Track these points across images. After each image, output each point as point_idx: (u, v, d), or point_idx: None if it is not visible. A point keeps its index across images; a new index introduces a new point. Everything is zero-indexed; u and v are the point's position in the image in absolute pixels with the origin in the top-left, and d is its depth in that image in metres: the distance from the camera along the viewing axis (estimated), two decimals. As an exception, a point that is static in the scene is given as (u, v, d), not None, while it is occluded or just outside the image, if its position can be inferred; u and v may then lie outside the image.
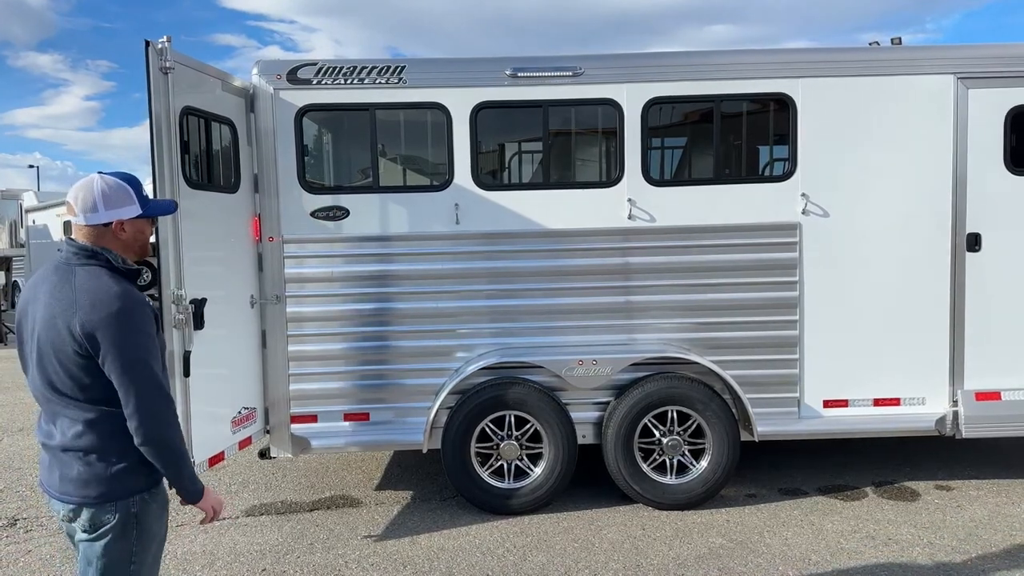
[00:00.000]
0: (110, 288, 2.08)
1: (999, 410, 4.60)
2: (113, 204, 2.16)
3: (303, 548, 4.21)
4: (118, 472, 2.11)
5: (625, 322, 4.62)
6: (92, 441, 2.10)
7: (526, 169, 5.40)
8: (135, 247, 2.25)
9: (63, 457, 2.13)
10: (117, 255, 2.17)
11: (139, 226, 2.24)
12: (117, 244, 2.19)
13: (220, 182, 4.40)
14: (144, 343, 2.09)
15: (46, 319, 2.08)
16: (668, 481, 4.58)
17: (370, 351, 4.60)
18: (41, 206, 19.58)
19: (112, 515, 2.12)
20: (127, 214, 2.18)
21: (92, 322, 2.03)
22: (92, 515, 2.12)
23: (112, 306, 2.05)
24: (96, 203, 2.14)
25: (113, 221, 2.16)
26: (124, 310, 2.06)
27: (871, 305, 4.60)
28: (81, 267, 2.12)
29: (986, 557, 3.92)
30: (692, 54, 4.71)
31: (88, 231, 2.16)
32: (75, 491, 2.12)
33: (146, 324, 2.11)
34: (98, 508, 2.11)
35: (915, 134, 4.54)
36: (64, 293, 2.08)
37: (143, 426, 2.07)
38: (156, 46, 3.73)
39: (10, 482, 5.51)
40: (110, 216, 2.16)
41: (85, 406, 2.10)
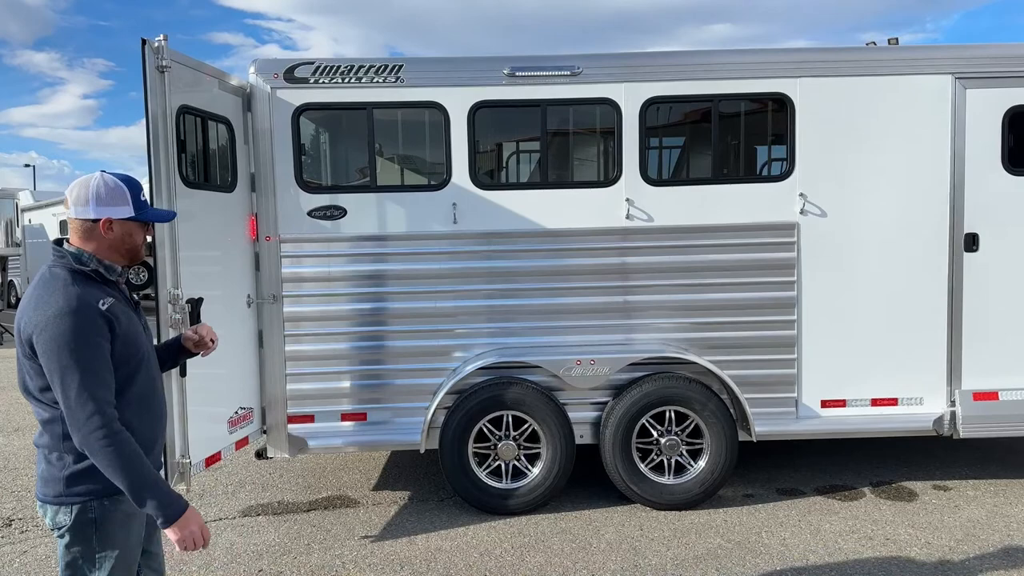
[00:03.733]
0: (56, 291, 2.04)
1: (997, 410, 4.61)
2: (105, 202, 2.13)
3: (300, 548, 4.19)
4: (73, 474, 2.09)
5: (623, 322, 4.61)
6: (49, 440, 2.11)
7: (524, 169, 5.40)
8: (122, 250, 2.19)
9: (37, 454, 2.17)
10: (92, 256, 2.13)
11: (129, 229, 2.19)
12: (103, 244, 2.15)
13: (217, 181, 4.39)
14: (78, 351, 1.99)
15: (15, 321, 2.09)
16: (666, 481, 4.57)
17: (367, 351, 4.59)
18: (37, 205, 19.53)
19: (68, 516, 2.09)
20: (118, 214, 2.15)
21: (31, 325, 2.02)
22: (52, 514, 2.12)
23: (50, 310, 2.01)
24: (88, 199, 2.12)
25: (101, 219, 2.13)
26: (60, 316, 2.00)
27: (869, 305, 4.60)
28: (50, 269, 2.11)
29: (984, 557, 3.92)
30: (690, 54, 4.72)
31: (76, 226, 2.14)
32: (40, 488, 2.14)
33: (87, 332, 2.02)
34: (57, 508, 2.10)
35: (913, 134, 4.54)
36: (26, 295, 2.08)
37: (75, 435, 2.03)
38: (153, 45, 3.72)
39: (6, 482, 5.49)
40: (99, 213, 2.13)
41: (44, 406, 2.10)
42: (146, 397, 2.22)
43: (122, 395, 2.13)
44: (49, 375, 2.01)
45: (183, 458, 3.88)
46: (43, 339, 1.99)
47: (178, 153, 3.89)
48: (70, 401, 2.00)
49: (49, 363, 2.00)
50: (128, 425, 2.10)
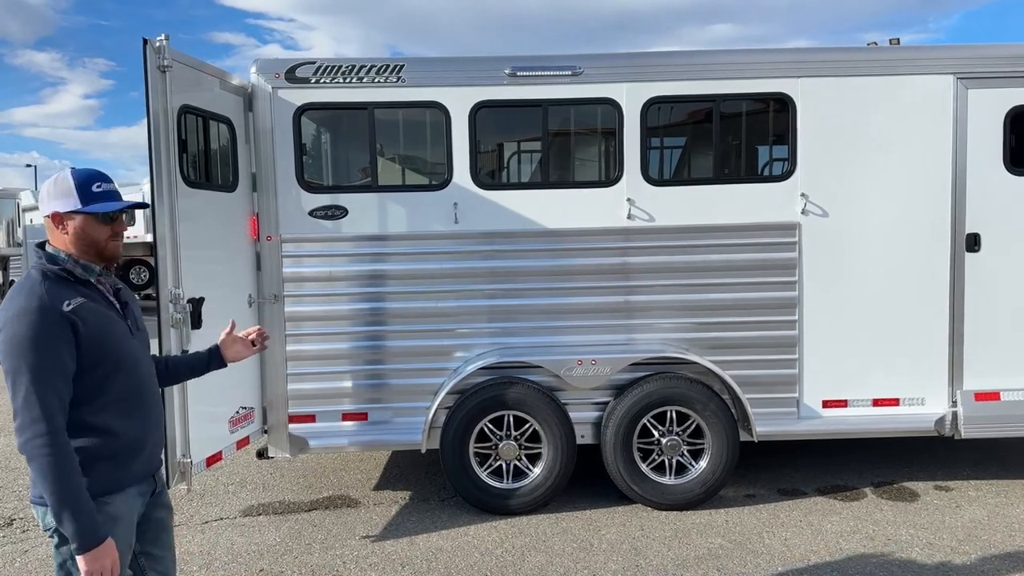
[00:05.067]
0: (23, 292, 2.00)
1: (998, 410, 4.60)
2: (52, 196, 2.07)
3: (301, 548, 4.19)
4: None
5: (624, 322, 4.61)
6: None
7: (525, 168, 5.39)
8: (81, 245, 2.10)
9: None
10: (68, 257, 2.08)
11: (82, 224, 2.08)
12: (63, 240, 2.09)
13: (218, 181, 4.39)
14: (28, 354, 1.94)
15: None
16: (667, 481, 4.57)
17: (368, 351, 4.59)
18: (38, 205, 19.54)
19: (47, 514, 2.05)
20: (62, 207, 2.07)
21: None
22: (43, 515, 2.08)
23: (11, 311, 1.97)
24: (44, 195, 2.09)
25: (49, 213, 2.07)
26: (15, 318, 1.96)
27: (870, 305, 4.60)
28: (30, 269, 2.08)
29: (985, 558, 3.91)
30: (692, 54, 4.71)
31: (45, 224, 2.10)
32: (32, 490, 2.11)
33: (43, 335, 1.96)
34: (45, 508, 2.04)
35: (915, 134, 4.54)
36: None
37: (16, 436, 1.99)
38: (154, 44, 3.72)
39: (7, 482, 5.49)
40: (48, 208, 2.07)
41: None
42: (129, 399, 2.16)
43: (97, 398, 2.08)
44: (4, 376, 1.96)
45: (184, 458, 3.88)
46: (1, 339, 1.96)
47: (179, 153, 3.89)
48: (17, 403, 1.97)
49: (4, 363, 1.97)
50: (107, 429, 2.07)
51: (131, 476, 2.16)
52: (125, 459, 2.15)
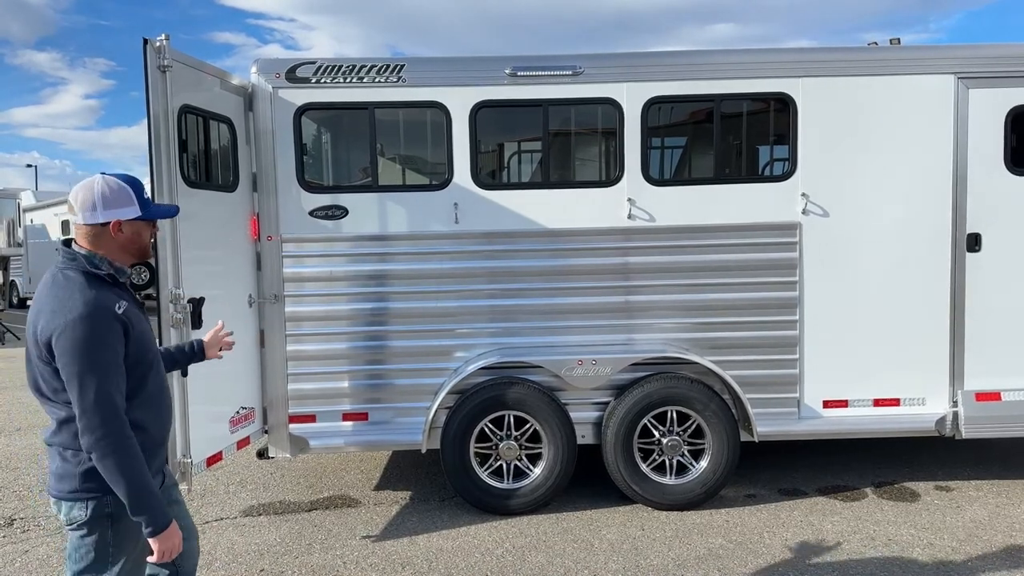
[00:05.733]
0: (74, 296, 2.06)
1: (999, 411, 4.60)
2: (111, 204, 2.16)
3: (301, 548, 4.19)
4: (89, 470, 2.11)
5: (625, 322, 4.60)
6: (65, 439, 2.13)
7: (526, 168, 5.39)
8: (132, 249, 2.23)
9: (50, 452, 2.20)
10: (103, 259, 2.16)
11: (137, 228, 2.22)
12: (114, 245, 2.19)
13: (218, 181, 4.39)
14: (94, 355, 2.03)
15: (31, 324, 2.12)
16: (667, 481, 4.57)
17: (369, 351, 4.59)
18: (39, 205, 19.57)
19: (83, 512, 2.13)
20: (125, 215, 2.18)
21: (48, 329, 2.04)
22: (67, 509, 2.15)
23: (69, 315, 2.03)
24: (95, 203, 2.14)
25: (111, 221, 2.16)
26: (78, 320, 2.03)
27: (871, 305, 4.59)
28: (62, 272, 2.13)
29: (986, 558, 3.91)
30: (692, 53, 4.71)
31: (86, 231, 2.16)
32: (54, 485, 2.17)
33: (104, 335, 2.06)
34: (72, 503, 2.13)
35: (915, 134, 4.53)
36: (39, 299, 2.12)
37: (83, 436, 2.05)
38: (154, 44, 3.72)
39: (7, 482, 5.49)
40: (108, 216, 2.15)
41: (60, 405, 2.13)
42: (157, 397, 2.27)
43: (136, 396, 2.17)
44: (67, 378, 2.03)
45: (184, 458, 3.88)
46: (62, 343, 2.02)
47: (180, 153, 3.89)
48: (86, 404, 2.03)
49: (67, 366, 2.03)
50: (141, 425, 2.16)
51: (152, 469, 2.22)
52: (151, 453, 2.24)
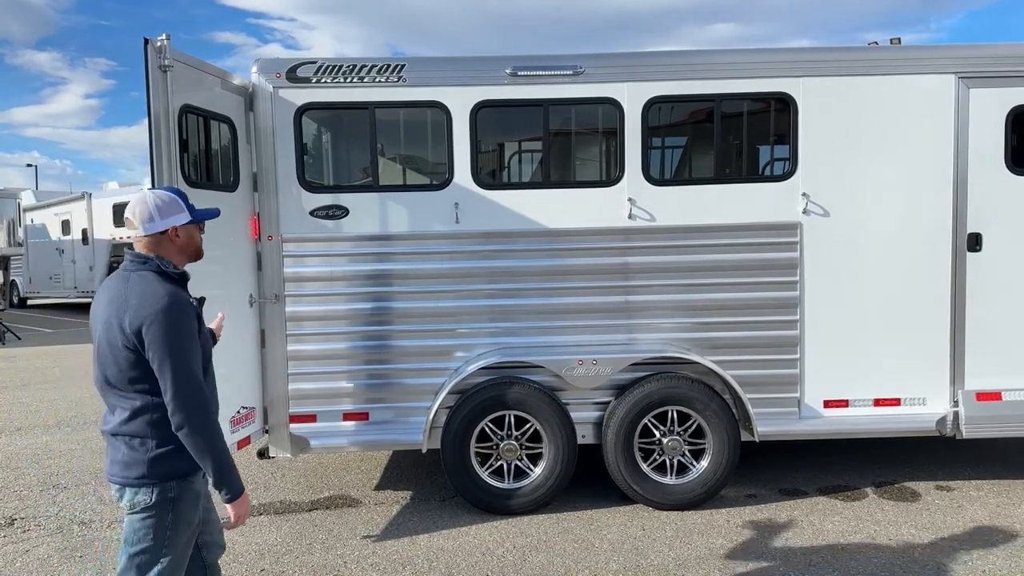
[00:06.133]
0: (156, 290, 2.31)
1: (1000, 410, 4.60)
2: (166, 213, 2.43)
3: (302, 548, 4.19)
4: (157, 456, 2.32)
5: (625, 322, 4.60)
6: (136, 427, 2.32)
7: (526, 168, 5.39)
8: (188, 250, 2.51)
9: (114, 442, 2.37)
10: (168, 261, 2.43)
11: (190, 231, 2.50)
12: (173, 249, 2.46)
13: (219, 181, 4.39)
14: (183, 339, 2.29)
15: (105, 320, 2.32)
16: (668, 481, 4.57)
17: (370, 350, 4.59)
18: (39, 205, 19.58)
19: (149, 496, 2.33)
20: (179, 220, 2.45)
21: (139, 319, 2.26)
22: (132, 495, 2.33)
23: (156, 305, 2.27)
24: (152, 214, 2.41)
25: (168, 228, 2.43)
26: (167, 309, 2.27)
27: (872, 305, 4.59)
28: (135, 272, 2.38)
29: (987, 558, 3.91)
30: (693, 53, 4.71)
31: (147, 240, 2.42)
32: (120, 472, 2.34)
33: (186, 323, 2.32)
34: (138, 489, 2.32)
35: (916, 134, 4.53)
36: (119, 296, 2.33)
37: (176, 414, 2.27)
38: (155, 44, 3.72)
39: (8, 481, 5.49)
40: (165, 224, 2.42)
41: (133, 395, 2.32)
42: (212, 384, 2.53)
43: None
44: (158, 362, 2.25)
45: (185, 458, 3.87)
46: (152, 331, 2.25)
47: (180, 153, 3.89)
48: (178, 385, 2.26)
49: (159, 351, 2.25)
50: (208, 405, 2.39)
51: None
52: None
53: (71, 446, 6.39)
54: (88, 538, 4.41)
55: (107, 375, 2.34)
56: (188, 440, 2.28)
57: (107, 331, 2.30)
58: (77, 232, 17.59)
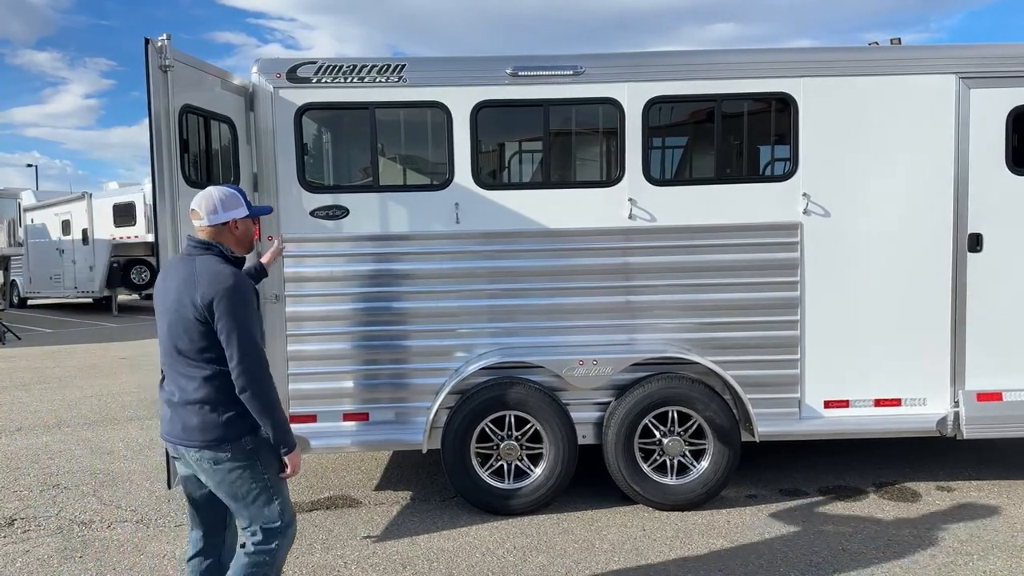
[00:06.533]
0: (223, 270, 2.66)
1: (1001, 411, 4.59)
2: (229, 207, 2.79)
3: (302, 548, 4.19)
4: (229, 419, 2.65)
5: (626, 322, 4.60)
6: (208, 394, 2.64)
7: (527, 168, 5.38)
8: (244, 242, 2.87)
9: (185, 410, 2.67)
10: (228, 248, 2.79)
11: (247, 224, 2.88)
12: (231, 239, 2.81)
13: (219, 181, 4.38)
14: (247, 313, 2.64)
15: (176, 297, 2.64)
16: (669, 482, 4.56)
17: (370, 351, 4.58)
18: (39, 205, 19.58)
19: (228, 452, 2.67)
20: (239, 214, 2.81)
21: (209, 294, 2.59)
22: (213, 454, 2.66)
23: (226, 283, 2.61)
24: (217, 207, 2.76)
25: (229, 220, 2.78)
26: (234, 287, 2.62)
27: (872, 305, 4.59)
28: (200, 256, 2.72)
29: (988, 558, 3.91)
30: (693, 53, 4.70)
31: (210, 230, 2.77)
32: (199, 436, 2.65)
33: (250, 299, 2.68)
34: (216, 448, 2.66)
35: (917, 134, 4.53)
36: (188, 275, 2.65)
37: (241, 377, 2.59)
38: (155, 44, 3.72)
39: (8, 482, 5.49)
40: (227, 216, 2.78)
41: (203, 365, 2.64)
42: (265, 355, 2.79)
43: None
44: (227, 332, 2.58)
45: (185, 458, 3.87)
46: (223, 304, 2.58)
47: (181, 153, 3.89)
48: (244, 351, 2.59)
49: (228, 322, 2.58)
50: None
51: None
52: None
53: (71, 446, 6.39)
54: (88, 538, 4.41)
55: (178, 346, 2.65)
56: (251, 401, 2.61)
57: (179, 307, 2.62)
58: (77, 232, 17.60)
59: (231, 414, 2.65)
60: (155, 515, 4.74)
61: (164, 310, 2.69)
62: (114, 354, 11.76)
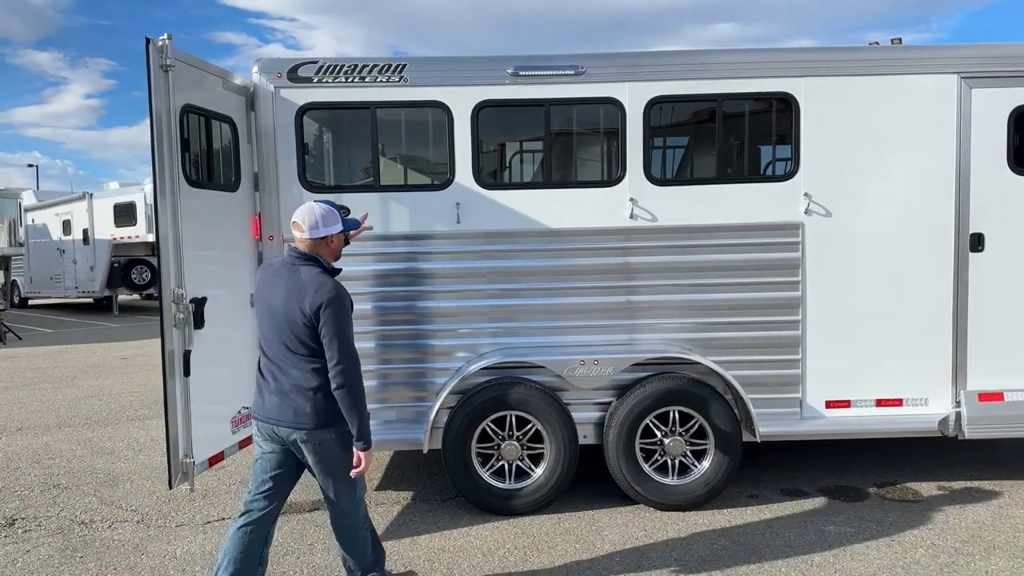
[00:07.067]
0: (326, 282, 3.07)
1: (1002, 411, 4.59)
2: (328, 223, 3.18)
3: (303, 548, 4.19)
4: (332, 405, 3.06)
5: (627, 322, 4.60)
6: (312, 383, 3.07)
7: (527, 168, 5.38)
8: (337, 253, 3.26)
9: (293, 396, 3.08)
10: (325, 259, 3.19)
11: (340, 238, 3.27)
12: (327, 251, 3.21)
13: (220, 181, 4.38)
14: (346, 319, 3.04)
15: (285, 303, 3.06)
16: (670, 482, 4.56)
17: (371, 350, 4.58)
18: (40, 205, 19.58)
19: (330, 433, 3.11)
20: (335, 230, 3.19)
21: (316, 302, 3.00)
22: (320, 435, 3.10)
23: (330, 294, 3.02)
24: (318, 223, 3.15)
25: (327, 235, 3.17)
26: (337, 298, 3.03)
27: (874, 305, 4.59)
28: (303, 266, 3.12)
29: (989, 559, 3.90)
30: (694, 53, 4.70)
31: (310, 242, 3.16)
32: (311, 420, 3.08)
33: (349, 307, 3.08)
34: (322, 429, 3.10)
35: (918, 134, 4.53)
36: (295, 285, 3.07)
37: (338, 377, 3.00)
38: (157, 44, 3.71)
39: (8, 482, 5.49)
40: (326, 231, 3.17)
41: (311, 359, 3.07)
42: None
43: None
44: (329, 336, 3.00)
45: (186, 457, 3.87)
46: (328, 311, 2.99)
47: (182, 152, 3.88)
48: (343, 353, 3.00)
49: (331, 327, 2.99)
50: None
51: None
52: None
53: (72, 446, 6.39)
54: (89, 538, 4.41)
55: (288, 344, 3.07)
56: (343, 398, 3.01)
57: (288, 312, 3.04)
58: (78, 232, 17.60)
59: (331, 401, 3.07)
60: (156, 515, 4.74)
61: (271, 311, 3.10)
62: (115, 354, 11.77)
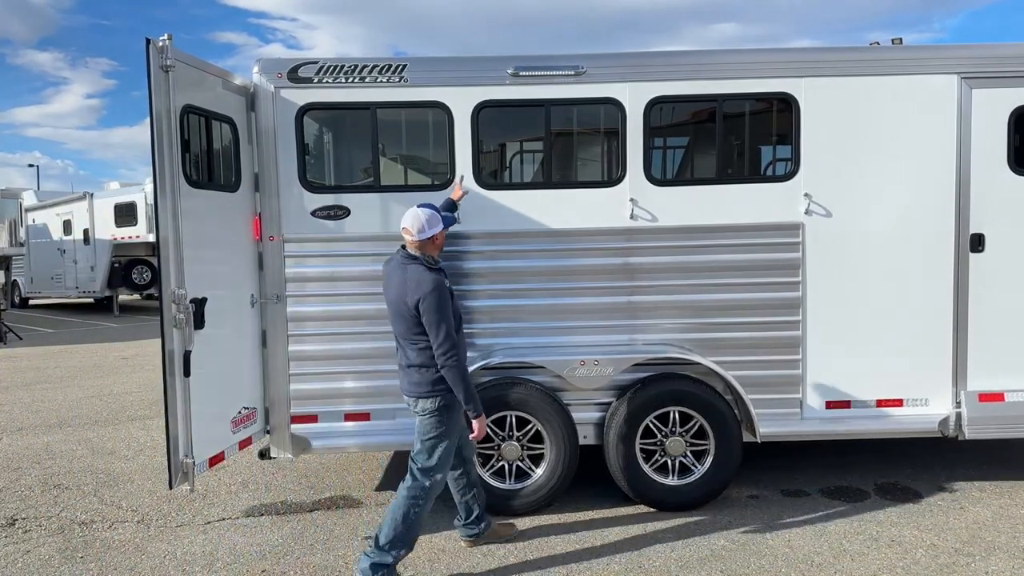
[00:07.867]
0: (426, 278, 3.54)
1: (1002, 411, 4.59)
2: (432, 225, 3.64)
3: (303, 549, 4.19)
4: (435, 379, 3.59)
5: (627, 322, 4.60)
6: (421, 361, 3.60)
7: (528, 168, 5.38)
8: (440, 247, 3.74)
9: (410, 371, 3.65)
10: (430, 256, 3.65)
11: (442, 236, 3.73)
12: (433, 248, 3.68)
13: (221, 181, 4.38)
14: (445, 310, 3.52)
15: (396, 296, 3.59)
16: (670, 482, 4.56)
17: (371, 351, 4.58)
18: (41, 205, 19.59)
19: (432, 403, 3.62)
20: (437, 230, 3.66)
21: (416, 296, 3.50)
22: (424, 403, 3.64)
23: (428, 287, 3.50)
24: (424, 226, 3.61)
25: (432, 235, 3.63)
26: (434, 290, 3.50)
27: (874, 305, 4.58)
28: (410, 264, 3.62)
29: (989, 559, 3.90)
30: (695, 53, 4.70)
31: (418, 243, 3.63)
32: (415, 390, 3.64)
33: (447, 298, 3.55)
34: (426, 399, 3.63)
35: (918, 134, 4.53)
36: (402, 281, 3.58)
37: (440, 358, 3.53)
38: (157, 44, 3.71)
39: (9, 482, 5.49)
40: (431, 232, 3.63)
41: (418, 341, 3.59)
42: (461, 337, 3.72)
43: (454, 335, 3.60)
44: (430, 324, 3.50)
45: (186, 457, 3.87)
46: (427, 303, 3.49)
47: (182, 153, 3.88)
48: (442, 338, 3.49)
49: (431, 317, 3.49)
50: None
51: None
52: None
53: (72, 446, 6.39)
54: (89, 538, 4.41)
55: (401, 329, 3.62)
56: (448, 373, 3.53)
57: (398, 304, 3.57)
58: (79, 232, 17.60)
59: (436, 376, 3.58)
60: (156, 515, 4.75)
61: (390, 302, 3.65)
62: (115, 354, 11.77)
